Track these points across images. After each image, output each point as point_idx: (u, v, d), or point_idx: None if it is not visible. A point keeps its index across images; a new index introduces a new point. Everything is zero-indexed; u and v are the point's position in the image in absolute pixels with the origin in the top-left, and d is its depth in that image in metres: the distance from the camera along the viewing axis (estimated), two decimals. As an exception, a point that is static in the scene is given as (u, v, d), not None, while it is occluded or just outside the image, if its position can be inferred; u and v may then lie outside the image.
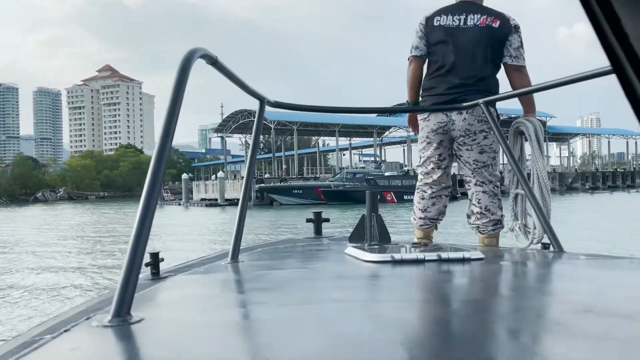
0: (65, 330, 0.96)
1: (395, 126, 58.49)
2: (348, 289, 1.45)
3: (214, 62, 1.59)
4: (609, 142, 73.21)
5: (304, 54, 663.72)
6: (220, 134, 62.95)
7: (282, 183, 44.96)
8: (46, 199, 76.64)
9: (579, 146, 78.36)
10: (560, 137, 72.47)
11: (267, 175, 52.16)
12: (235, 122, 57.47)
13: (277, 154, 59.07)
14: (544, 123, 68.37)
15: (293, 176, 52.47)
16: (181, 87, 1.33)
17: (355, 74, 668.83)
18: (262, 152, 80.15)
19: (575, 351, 0.82)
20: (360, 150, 70.67)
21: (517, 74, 3.16)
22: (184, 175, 55.15)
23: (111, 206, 50.55)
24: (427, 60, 3.29)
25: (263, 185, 43.54)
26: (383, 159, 52.52)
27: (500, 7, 3.29)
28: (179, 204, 49.41)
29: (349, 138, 66.83)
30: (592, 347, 0.84)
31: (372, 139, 64.56)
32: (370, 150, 63.31)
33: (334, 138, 64.70)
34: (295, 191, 41.48)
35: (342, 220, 20.81)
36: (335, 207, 32.79)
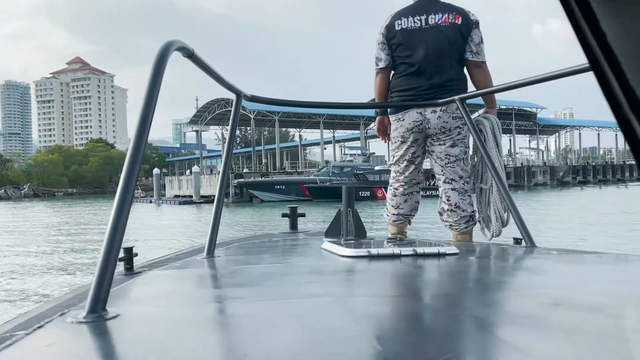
0: (39, 327, 0.94)
1: (382, 117, 55.18)
2: (325, 283, 1.46)
3: (190, 54, 1.59)
4: (598, 134, 71.47)
5: (281, 48, 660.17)
6: (195, 127, 59.09)
7: (263, 178, 41.39)
8: (9, 196, 72.19)
9: (552, 141, 76.00)
10: (550, 129, 70.33)
11: (245, 170, 48.40)
12: (211, 113, 53.57)
13: (256, 148, 55.31)
14: (534, 115, 66.81)
15: (274, 171, 48.86)
16: (157, 80, 1.32)
17: (333, 69, 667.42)
18: (239, 146, 76.42)
19: (548, 344, 0.82)
20: (342, 143, 67.53)
21: (478, 70, 3.19)
22: (156, 170, 50.54)
23: (78, 203, 46.55)
24: (392, 67, 3.30)
25: (242, 180, 39.77)
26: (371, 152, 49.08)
27: (475, 4, 2.57)
28: (150, 202, 45.21)
29: (332, 131, 63.21)
30: (564, 340, 0.85)
31: (356, 131, 61.49)
32: (356, 144, 60.21)
33: (317, 130, 61.50)
34: (278, 187, 38.07)
35: (329, 220, 17.70)
36: (321, 204, 29.85)
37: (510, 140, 73.24)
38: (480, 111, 3.42)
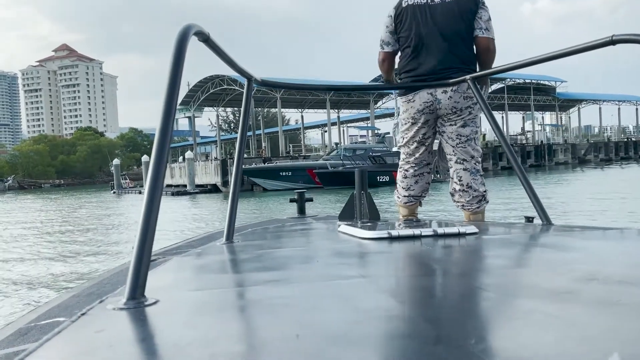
0: (82, 314, 0.94)
1: (391, 93, 50.66)
2: (352, 265, 1.46)
3: (206, 39, 1.56)
4: (619, 109, 67.06)
5: (266, 32, 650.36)
6: (186, 112, 54.29)
7: (266, 164, 36.76)
8: (-9, 189, 67.68)
9: (571, 117, 71.18)
10: (570, 103, 65.70)
11: (244, 156, 43.78)
12: (204, 93, 48.58)
13: (253, 132, 50.65)
14: (553, 89, 62.33)
15: (275, 156, 44.29)
16: (179, 66, 1.29)
17: (320, 52, 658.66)
18: (233, 132, 71.60)
19: (593, 317, 0.84)
20: (345, 125, 62.96)
21: (486, 47, 3.14)
22: (145, 157, 45.41)
23: (62, 195, 42.12)
24: (400, 48, 3.27)
25: (242, 167, 35.35)
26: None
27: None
28: (139, 192, 39.85)
29: (337, 111, 58.35)
30: (606, 312, 0.86)
31: (362, 110, 56.92)
32: (361, 126, 55.65)
33: (319, 111, 56.75)
34: (283, 173, 33.59)
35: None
36: (332, 191, 25.67)
37: (523, 117, 68.87)
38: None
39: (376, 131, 44.20)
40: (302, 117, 57.76)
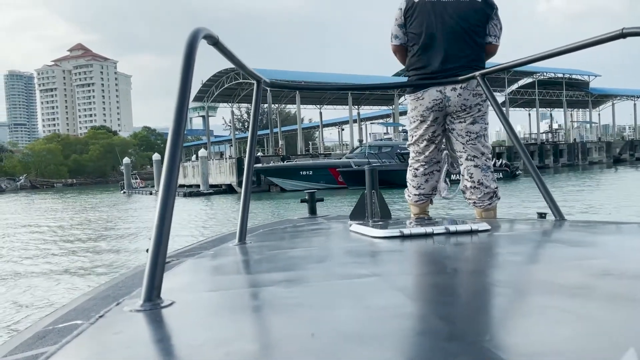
0: (100, 316, 0.96)
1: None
2: (365, 264, 1.46)
3: (215, 42, 1.59)
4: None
5: (277, 31, 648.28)
6: (200, 111, 52.05)
7: (285, 162, 34.24)
8: (2, 188, 66.24)
9: (604, 114, 67.00)
10: (602, 99, 62.23)
11: (260, 154, 41.15)
12: (218, 87, 46.20)
13: (268, 130, 48.23)
14: (586, 83, 59.11)
15: (293, 154, 41.78)
16: (189, 69, 1.31)
17: (332, 51, 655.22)
18: (243, 131, 69.25)
19: (609, 312, 0.83)
20: (365, 122, 60.28)
21: (494, 52, 3.22)
22: (156, 156, 42.59)
23: (71, 195, 40.16)
24: (409, 44, 3.25)
25: (260, 165, 32.72)
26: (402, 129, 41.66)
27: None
28: (150, 193, 37.34)
29: (357, 107, 55.62)
30: (618, 308, 0.86)
31: (383, 107, 54.28)
32: (378, 126, 52.99)
33: (338, 107, 54.17)
34: (304, 172, 31.11)
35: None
36: (356, 192, 23.15)
37: (550, 114, 65.57)
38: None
39: (401, 128, 41.56)
40: (320, 113, 55.08)
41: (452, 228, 1.80)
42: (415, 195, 3.31)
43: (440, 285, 1.16)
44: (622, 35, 1.69)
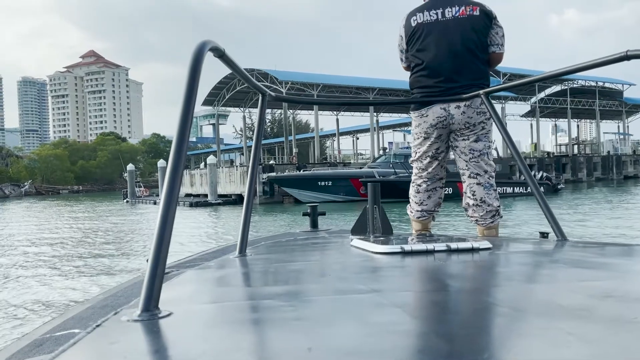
0: (97, 326, 0.96)
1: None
2: (365, 280, 1.45)
3: (221, 55, 1.61)
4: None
5: (294, 43, 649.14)
6: (210, 117, 49.47)
7: (301, 171, 31.23)
8: (6, 195, 64.00)
9: (605, 126, 62.91)
10: (635, 109, 58.63)
11: (272, 162, 38.25)
12: (230, 90, 43.69)
13: (281, 138, 45.40)
14: (620, 93, 55.89)
15: (309, 162, 38.84)
16: (195, 81, 1.32)
17: (346, 64, 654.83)
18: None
19: (604, 335, 0.83)
20: (383, 130, 57.36)
21: (500, 60, 3.22)
22: (161, 162, 39.88)
23: (73, 203, 37.60)
24: (412, 65, 3.28)
25: (273, 174, 29.90)
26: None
27: (490, -5, 3.16)
28: (154, 202, 34.68)
29: (376, 114, 52.66)
30: (619, 330, 0.85)
31: (404, 115, 51.38)
32: (392, 133, 50.07)
33: (356, 114, 51.28)
34: (322, 183, 28.22)
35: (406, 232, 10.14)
36: (384, 205, 20.35)
37: (578, 125, 62.30)
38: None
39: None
40: (337, 120, 52.27)
41: (453, 245, 1.79)
42: (417, 211, 3.35)
43: (440, 302, 1.15)
44: (627, 57, 1.68)
